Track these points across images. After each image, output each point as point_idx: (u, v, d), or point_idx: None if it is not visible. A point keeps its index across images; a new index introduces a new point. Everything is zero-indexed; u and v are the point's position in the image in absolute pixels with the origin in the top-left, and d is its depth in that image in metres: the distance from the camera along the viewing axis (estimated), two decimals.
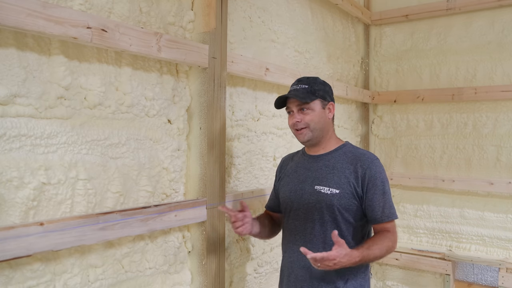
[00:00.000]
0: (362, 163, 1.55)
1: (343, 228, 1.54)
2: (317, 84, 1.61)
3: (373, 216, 1.54)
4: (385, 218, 1.53)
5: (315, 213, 1.56)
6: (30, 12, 1.10)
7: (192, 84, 1.75)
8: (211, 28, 1.73)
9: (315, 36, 2.73)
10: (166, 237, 1.64)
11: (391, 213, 1.55)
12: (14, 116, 1.17)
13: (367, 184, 1.53)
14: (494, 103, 2.94)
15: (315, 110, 1.58)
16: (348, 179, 1.54)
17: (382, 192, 1.54)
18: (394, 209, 1.58)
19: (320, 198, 1.55)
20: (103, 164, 1.40)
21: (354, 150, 1.63)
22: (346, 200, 1.53)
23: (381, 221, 1.53)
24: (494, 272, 2.83)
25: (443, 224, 3.16)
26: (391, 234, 1.55)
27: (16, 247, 1.09)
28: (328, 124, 1.62)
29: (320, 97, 1.58)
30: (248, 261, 2.13)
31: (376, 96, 3.39)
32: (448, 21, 3.14)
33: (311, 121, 1.57)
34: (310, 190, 1.59)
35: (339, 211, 1.53)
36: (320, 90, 1.59)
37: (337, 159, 1.60)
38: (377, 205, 1.53)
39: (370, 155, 1.60)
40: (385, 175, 1.58)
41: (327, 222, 1.55)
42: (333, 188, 1.54)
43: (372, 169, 1.54)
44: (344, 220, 1.54)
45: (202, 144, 1.74)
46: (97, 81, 1.38)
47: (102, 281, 1.39)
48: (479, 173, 3.00)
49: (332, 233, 1.39)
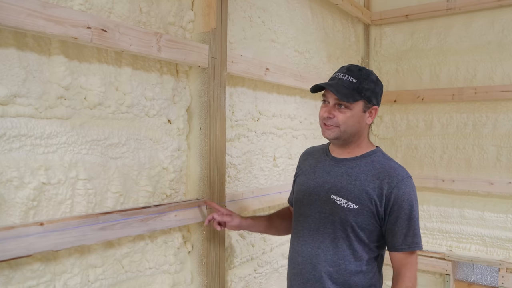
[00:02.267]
0: (391, 179, 1.35)
1: (356, 247, 1.37)
2: (368, 82, 1.36)
3: (392, 242, 1.36)
4: (405, 247, 1.35)
5: (327, 225, 1.39)
6: (30, 12, 1.10)
7: (192, 84, 1.75)
8: (211, 28, 1.73)
9: (315, 36, 2.73)
10: (166, 237, 1.64)
11: (414, 243, 1.35)
12: (14, 116, 1.17)
13: (392, 205, 1.34)
14: (494, 103, 2.94)
15: (354, 110, 1.35)
16: (370, 195, 1.34)
17: (408, 217, 1.34)
18: (419, 238, 1.36)
19: (334, 210, 1.37)
20: (103, 164, 1.40)
21: (384, 161, 1.41)
22: (363, 218, 1.35)
23: (400, 250, 1.35)
24: (494, 272, 2.83)
25: (443, 224, 3.16)
26: (407, 274, 1.35)
27: (16, 247, 1.09)
28: (363, 129, 1.41)
29: (365, 98, 1.36)
30: (248, 261, 2.13)
31: None
32: (448, 21, 3.14)
33: (344, 123, 1.35)
34: (325, 198, 1.40)
35: (353, 229, 1.35)
36: (368, 90, 1.36)
37: (362, 169, 1.39)
38: (399, 231, 1.34)
39: (402, 172, 1.38)
40: (415, 197, 1.38)
41: (339, 238, 1.37)
42: (351, 201, 1.35)
43: (401, 189, 1.34)
44: (358, 240, 1.36)
45: (202, 144, 1.74)
46: (97, 81, 1.38)
47: (102, 281, 1.39)
48: (479, 173, 3.00)
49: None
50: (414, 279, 1.37)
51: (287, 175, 2.43)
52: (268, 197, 2.17)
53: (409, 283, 1.36)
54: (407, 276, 1.36)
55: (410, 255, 1.37)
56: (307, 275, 1.41)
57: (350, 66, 1.40)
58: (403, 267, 1.38)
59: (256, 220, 1.67)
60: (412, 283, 1.36)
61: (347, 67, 1.40)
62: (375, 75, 1.41)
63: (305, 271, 1.42)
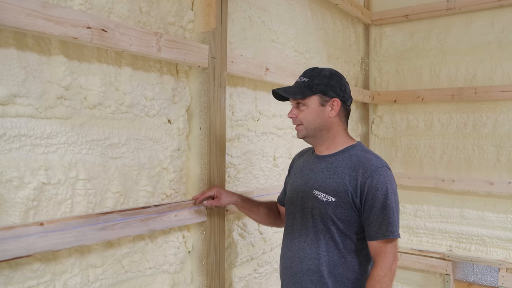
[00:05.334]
0: (365, 170, 1.38)
1: (337, 240, 1.41)
2: (320, 78, 1.45)
3: (368, 232, 1.39)
4: (380, 236, 1.35)
5: (310, 220, 1.46)
6: (30, 12, 1.10)
7: (192, 84, 1.75)
8: (211, 28, 1.73)
9: (315, 36, 2.73)
10: (166, 237, 1.64)
11: (389, 231, 1.35)
12: (14, 116, 1.17)
13: (366, 195, 1.37)
14: (494, 103, 2.94)
15: (310, 106, 1.44)
16: (346, 187, 1.39)
17: (382, 206, 1.35)
18: (395, 226, 1.37)
19: (315, 204, 1.44)
20: (103, 164, 1.40)
21: (361, 154, 1.45)
22: (342, 210, 1.39)
23: (375, 238, 1.37)
24: (494, 272, 2.83)
25: (443, 224, 3.16)
26: (380, 263, 1.35)
27: (16, 247, 1.09)
28: (329, 122, 1.46)
29: (319, 93, 1.43)
30: (248, 261, 2.13)
31: (376, 96, 3.39)
32: (448, 21, 3.15)
33: (304, 119, 1.45)
34: (308, 193, 1.47)
35: (333, 222, 1.40)
36: (320, 85, 1.43)
37: (340, 163, 1.45)
38: (374, 220, 1.36)
39: (376, 162, 1.41)
40: (390, 186, 1.38)
41: (321, 231, 1.43)
42: (330, 195, 1.41)
43: (375, 178, 1.37)
44: (340, 232, 1.40)
45: (202, 144, 1.74)
46: (97, 81, 1.38)
47: (102, 281, 1.39)
48: (479, 173, 3.00)
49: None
50: (387, 268, 1.35)
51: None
52: (268, 197, 2.17)
53: (381, 272, 1.35)
54: (380, 265, 1.36)
55: (386, 243, 1.37)
56: (296, 268, 1.48)
57: (306, 70, 1.52)
58: (378, 256, 1.38)
59: (246, 202, 1.73)
60: (385, 272, 1.35)
61: (304, 71, 1.51)
62: (331, 70, 1.49)
63: (294, 265, 1.49)
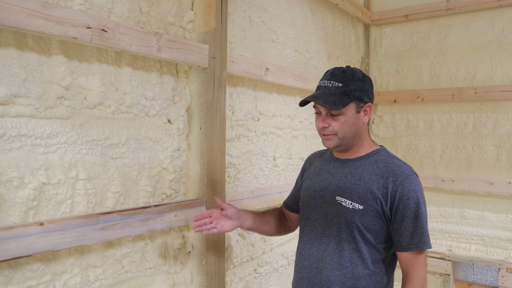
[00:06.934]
0: (395, 178, 1.32)
1: (362, 249, 1.33)
2: (354, 82, 1.32)
3: (399, 242, 1.32)
4: (413, 247, 1.30)
5: (333, 228, 1.36)
6: (30, 12, 1.10)
7: (192, 84, 1.75)
8: (211, 28, 1.73)
9: (315, 36, 2.73)
10: (166, 237, 1.64)
11: (422, 242, 1.30)
12: (14, 116, 1.17)
13: (397, 204, 1.30)
14: (494, 103, 2.94)
15: (347, 114, 1.33)
16: (375, 194, 1.32)
17: (415, 215, 1.31)
18: (427, 237, 1.32)
19: (340, 211, 1.35)
20: (103, 164, 1.40)
21: (388, 159, 1.38)
22: (369, 219, 1.32)
23: (407, 249, 1.31)
24: (494, 272, 2.83)
25: (443, 224, 3.16)
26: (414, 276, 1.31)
27: (16, 247, 1.09)
28: (361, 128, 1.39)
29: (355, 99, 1.32)
30: (248, 261, 2.13)
31: (376, 96, 3.39)
32: (448, 21, 3.15)
33: (340, 129, 1.33)
34: (330, 200, 1.38)
35: (359, 230, 1.32)
36: (357, 90, 1.32)
37: (366, 168, 1.37)
38: (406, 230, 1.31)
39: (407, 169, 1.35)
40: (421, 195, 1.34)
41: (345, 241, 1.34)
42: (356, 202, 1.33)
43: (406, 187, 1.31)
44: (365, 241, 1.33)
45: (202, 144, 1.74)
46: (97, 81, 1.38)
47: (102, 281, 1.39)
48: (479, 173, 3.00)
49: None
50: (423, 280, 1.32)
51: (287, 175, 2.43)
52: (268, 197, 2.17)
53: (417, 284, 1.31)
54: (415, 278, 1.32)
55: (418, 254, 1.32)
56: (313, 279, 1.38)
57: (333, 71, 1.36)
58: (411, 267, 1.33)
59: (258, 221, 1.56)
60: (421, 285, 1.31)
61: (330, 72, 1.36)
62: (361, 72, 1.38)
63: (312, 275, 1.39)
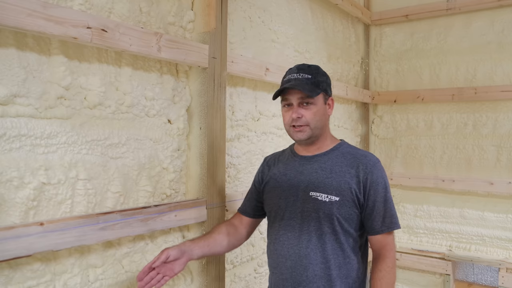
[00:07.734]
0: (364, 166, 1.39)
1: (342, 240, 1.38)
2: (320, 75, 1.41)
3: (371, 226, 1.38)
4: (385, 228, 1.37)
5: (312, 223, 1.38)
6: (30, 12, 1.10)
7: (192, 84, 1.75)
8: (211, 28, 1.73)
9: (315, 36, 2.73)
10: (166, 237, 1.64)
11: (392, 223, 1.38)
12: (14, 116, 1.17)
13: (368, 190, 1.37)
14: (494, 103, 2.94)
15: (318, 105, 1.39)
16: (349, 184, 1.37)
17: (384, 199, 1.38)
18: (397, 218, 1.40)
19: (317, 206, 1.37)
20: (103, 164, 1.40)
21: (352, 150, 1.46)
22: (346, 209, 1.36)
23: (380, 232, 1.38)
24: (494, 272, 2.83)
25: (443, 224, 3.16)
26: (387, 255, 1.37)
27: (16, 247, 1.09)
28: (327, 121, 1.46)
29: (323, 91, 1.40)
30: (248, 261, 2.13)
31: (376, 96, 3.39)
32: (448, 21, 3.15)
33: (312, 119, 1.38)
34: (304, 196, 1.40)
35: (338, 221, 1.36)
36: (323, 82, 1.41)
37: (335, 161, 1.42)
38: (377, 214, 1.37)
39: (372, 157, 1.43)
40: (387, 180, 1.42)
41: (326, 234, 1.37)
42: (332, 195, 1.36)
43: (374, 174, 1.38)
44: (344, 231, 1.37)
45: (202, 144, 1.74)
46: (97, 81, 1.38)
47: (102, 281, 1.39)
48: (479, 173, 3.00)
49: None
50: (394, 259, 1.38)
51: None
52: None
53: (390, 263, 1.37)
54: (388, 257, 1.38)
55: (389, 235, 1.40)
56: (299, 278, 1.38)
57: (299, 66, 1.44)
58: (383, 248, 1.39)
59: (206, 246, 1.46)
60: (392, 263, 1.37)
61: (296, 67, 1.43)
62: (321, 68, 1.47)
63: (296, 274, 1.39)
